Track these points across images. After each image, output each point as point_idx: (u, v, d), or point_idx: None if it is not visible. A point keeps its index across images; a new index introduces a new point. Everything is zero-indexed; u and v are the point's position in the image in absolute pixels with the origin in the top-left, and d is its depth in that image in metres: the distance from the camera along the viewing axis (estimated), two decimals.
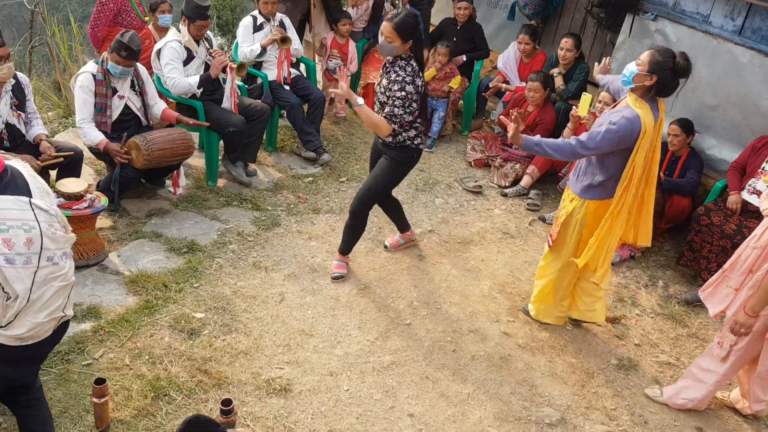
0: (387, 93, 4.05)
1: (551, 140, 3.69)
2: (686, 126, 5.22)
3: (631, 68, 3.56)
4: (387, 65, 4.16)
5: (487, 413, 3.60)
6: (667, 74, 3.47)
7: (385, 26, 3.92)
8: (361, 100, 4.07)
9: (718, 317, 3.63)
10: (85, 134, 4.67)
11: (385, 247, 4.95)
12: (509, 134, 3.71)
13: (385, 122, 4.06)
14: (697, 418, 3.78)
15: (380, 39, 4.03)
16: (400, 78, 3.98)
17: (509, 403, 3.69)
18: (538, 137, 3.75)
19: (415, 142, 4.23)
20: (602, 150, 3.58)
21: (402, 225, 4.93)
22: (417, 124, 4.18)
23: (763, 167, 4.79)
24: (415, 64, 4.06)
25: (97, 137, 4.65)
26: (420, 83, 4.05)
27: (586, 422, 3.63)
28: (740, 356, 3.53)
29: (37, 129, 4.47)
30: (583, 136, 3.59)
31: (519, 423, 3.57)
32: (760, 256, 3.34)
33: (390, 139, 4.17)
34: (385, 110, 4.04)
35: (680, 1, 5.49)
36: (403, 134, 4.14)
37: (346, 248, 4.59)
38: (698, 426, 3.72)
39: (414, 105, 4.02)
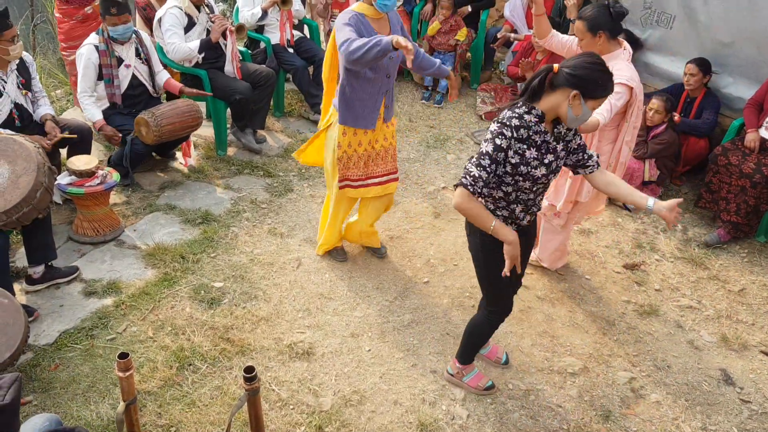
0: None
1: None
2: (703, 65, 5.10)
3: None
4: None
5: (509, 366, 3.61)
6: None
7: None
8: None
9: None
10: (85, 108, 4.67)
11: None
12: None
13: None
14: (720, 359, 3.77)
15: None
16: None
17: (531, 355, 3.69)
18: None
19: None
20: None
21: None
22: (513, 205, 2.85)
23: None
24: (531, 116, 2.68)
25: (95, 115, 4.65)
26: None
27: (609, 370, 3.64)
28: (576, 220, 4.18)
29: (44, 108, 4.44)
30: None
31: (541, 374, 3.58)
32: None
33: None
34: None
35: None
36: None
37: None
38: (722, 368, 3.71)
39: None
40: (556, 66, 2.62)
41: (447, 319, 3.91)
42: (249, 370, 2.38)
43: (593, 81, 2.57)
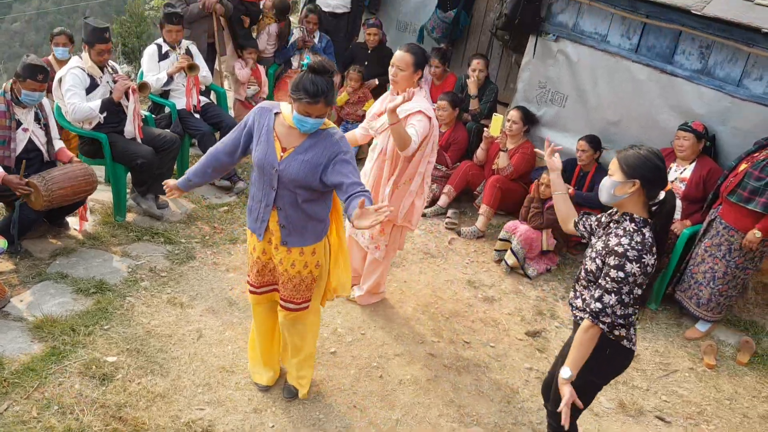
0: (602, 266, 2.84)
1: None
2: (593, 142, 5.44)
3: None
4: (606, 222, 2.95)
5: None
6: None
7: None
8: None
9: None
10: None
11: None
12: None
13: None
14: (618, 426, 3.88)
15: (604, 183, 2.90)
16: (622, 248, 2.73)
17: (438, 426, 3.67)
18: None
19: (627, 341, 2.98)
20: None
21: None
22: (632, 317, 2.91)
23: None
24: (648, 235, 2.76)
25: None
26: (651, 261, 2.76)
27: None
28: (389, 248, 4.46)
29: None
30: None
31: None
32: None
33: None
34: (595, 294, 2.83)
35: (579, 22, 5.72)
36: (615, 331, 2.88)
37: None
38: None
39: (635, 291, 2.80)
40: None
41: (354, 391, 3.84)
42: None
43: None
